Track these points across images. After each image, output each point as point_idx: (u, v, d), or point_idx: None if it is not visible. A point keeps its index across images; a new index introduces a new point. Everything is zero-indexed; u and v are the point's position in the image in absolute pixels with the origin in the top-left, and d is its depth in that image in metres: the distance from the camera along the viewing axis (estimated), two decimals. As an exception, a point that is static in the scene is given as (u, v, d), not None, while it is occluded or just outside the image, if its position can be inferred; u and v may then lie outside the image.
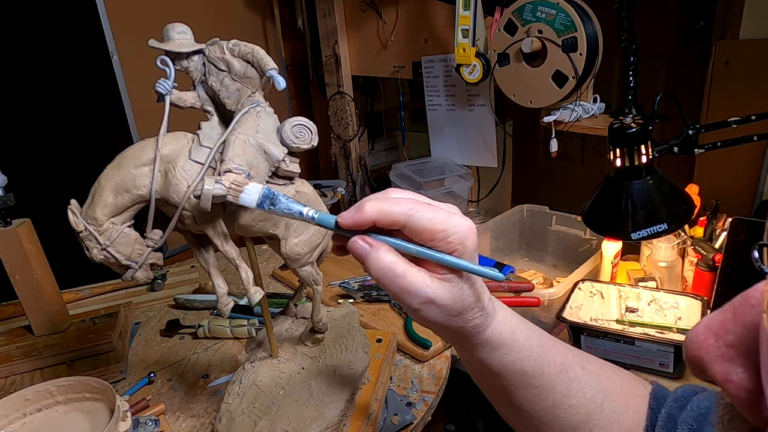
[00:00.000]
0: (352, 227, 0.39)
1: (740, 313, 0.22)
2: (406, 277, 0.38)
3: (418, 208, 0.38)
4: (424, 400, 0.81)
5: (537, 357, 0.44)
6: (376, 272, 0.39)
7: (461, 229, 0.39)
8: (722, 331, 0.22)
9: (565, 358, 0.46)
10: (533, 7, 1.06)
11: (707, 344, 0.23)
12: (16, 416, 0.67)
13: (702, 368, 0.23)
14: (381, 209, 0.38)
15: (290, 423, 0.67)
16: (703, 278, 1.01)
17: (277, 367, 0.76)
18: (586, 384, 0.46)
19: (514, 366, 0.44)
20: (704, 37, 1.66)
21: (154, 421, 0.73)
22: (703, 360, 0.23)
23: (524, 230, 1.42)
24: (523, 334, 0.45)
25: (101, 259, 0.60)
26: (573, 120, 1.12)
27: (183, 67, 0.63)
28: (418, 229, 0.38)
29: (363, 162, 1.72)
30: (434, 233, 0.38)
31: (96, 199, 0.59)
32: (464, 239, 0.39)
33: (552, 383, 0.45)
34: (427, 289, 0.39)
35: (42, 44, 1.27)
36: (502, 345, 0.43)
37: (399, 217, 0.38)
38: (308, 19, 1.73)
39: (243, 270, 0.66)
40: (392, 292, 0.39)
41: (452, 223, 0.38)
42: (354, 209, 0.39)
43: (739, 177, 1.32)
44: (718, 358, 0.22)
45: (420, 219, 0.38)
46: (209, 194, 0.56)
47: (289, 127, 0.63)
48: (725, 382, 0.22)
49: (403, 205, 0.38)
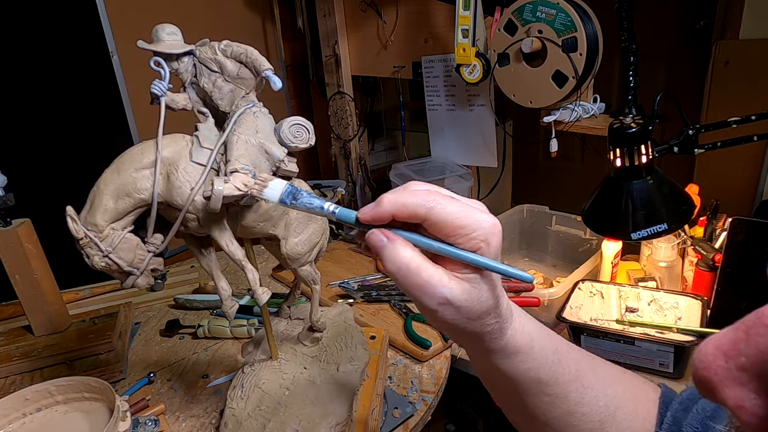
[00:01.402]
0: (371, 222, 0.37)
1: (754, 334, 0.21)
2: (423, 273, 0.36)
3: (439, 200, 0.36)
4: (424, 400, 0.81)
5: (552, 365, 0.43)
6: (392, 267, 0.37)
7: (484, 226, 0.36)
8: (733, 353, 0.21)
9: (579, 365, 0.45)
10: (533, 7, 1.06)
11: (716, 365, 0.21)
12: (16, 416, 0.67)
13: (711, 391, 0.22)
14: (399, 201, 0.36)
15: (300, 422, 0.67)
16: (703, 278, 1.01)
17: (279, 369, 0.76)
18: (599, 391, 0.45)
19: (529, 374, 0.42)
20: (704, 37, 1.66)
21: (153, 421, 0.73)
22: (712, 382, 0.22)
23: (524, 230, 1.42)
24: (541, 341, 0.43)
25: (103, 266, 0.59)
26: (573, 120, 1.12)
27: (173, 69, 0.62)
28: (440, 223, 0.36)
29: (363, 162, 1.72)
30: (456, 228, 0.36)
31: (95, 204, 0.58)
32: (488, 236, 0.36)
33: (566, 391, 0.43)
34: (444, 288, 0.36)
35: (42, 44, 1.27)
36: (518, 352, 0.42)
37: (418, 209, 0.36)
38: (308, 19, 1.73)
39: (249, 271, 0.65)
40: (407, 290, 0.37)
41: (475, 219, 0.36)
42: (374, 203, 0.37)
43: (739, 177, 1.32)
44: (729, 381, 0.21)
45: (440, 212, 0.36)
46: (220, 195, 0.55)
47: (287, 127, 0.63)
48: (737, 408, 0.21)
49: (422, 197, 0.36)
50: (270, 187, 0.42)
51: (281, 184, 0.42)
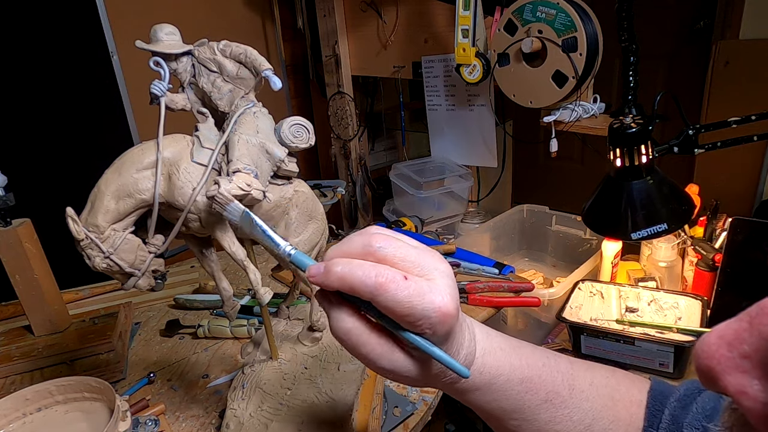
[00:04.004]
0: (318, 286, 0.37)
1: (757, 323, 0.21)
2: (363, 348, 0.37)
3: (387, 286, 0.34)
4: (424, 400, 0.81)
5: (517, 394, 0.43)
6: (335, 333, 0.38)
7: (432, 315, 0.35)
8: (737, 342, 0.22)
9: (553, 386, 0.44)
10: (533, 7, 1.06)
11: (720, 354, 0.22)
12: (16, 416, 0.67)
13: (713, 379, 0.22)
14: (346, 280, 0.35)
15: (302, 422, 0.67)
16: (703, 278, 1.01)
17: (279, 369, 0.76)
18: (573, 407, 0.45)
19: (489, 405, 0.43)
20: (704, 37, 1.66)
21: (153, 420, 0.73)
22: (714, 371, 0.22)
23: (524, 230, 1.42)
24: (504, 377, 0.42)
25: (104, 267, 0.59)
26: (573, 120, 1.12)
27: (171, 69, 0.62)
28: (386, 308, 0.35)
29: (363, 162, 1.72)
30: (401, 316, 0.35)
31: (96, 205, 0.58)
32: (434, 325, 0.35)
33: (534, 414, 0.44)
34: (383, 361, 0.37)
35: (42, 44, 1.27)
36: (476, 389, 0.42)
37: (364, 293, 0.35)
38: (308, 19, 1.73)
39: (252, 271, 0.65)
40: (351, 354, 0.38)
41: (422, 308, 0.34)
42: (323, 267, 0.36)
43: (739, 177, 1.32)
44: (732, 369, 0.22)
45: (386, 298, 0.34)
46: (227, 194, 0.55)
47: (287, 127, 0.63)
48: (739, 394, 0.21)
49: (370, 281, 0.34)
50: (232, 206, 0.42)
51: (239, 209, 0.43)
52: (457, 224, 1.55)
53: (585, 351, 0.93)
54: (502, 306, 1.01)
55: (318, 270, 0.36)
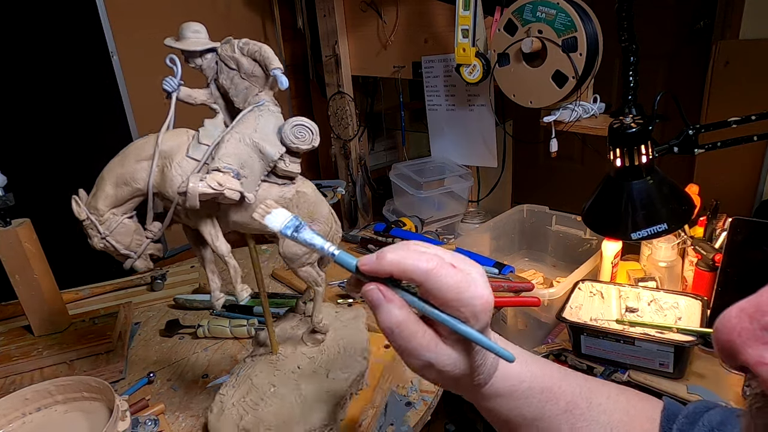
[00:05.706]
0: (370, 274, 0.39)
1: None
2: (411, 340, 0.39)
3: (438, 270, 0.37)
4: (424, 400, 0.81)
5: (538, 403, 0.44)
6: (384, 326, 0.39)
7: (476, 303, 0.38)
8: (758, 314, 0.22)
9: (572, 396, 0.46)
10: (533, 7, 1.06)
11: (741, 327, 0.22)
12: (16, 416, 0.67)
13: (734, 353, 0.22)
14: (400, 265, 0.37)
15: (274, 422, 0.67)
16: (703, 278, 1.01)
17: (275, 364, 0.76)
18: (591, 420, 0.46)
19: (511, 412, 0.44)
20: (704, 37, 1.66)
21: (153, 420, 0.73)
22: (735, 344, 0.22)
23: (524, 230, 1.42)
24: (526, 383, 0.44)
25: (101, 247, 0.63)
26: (573, 120, 1.12)
27: (197, 65, 0.64)
28: (434, 291, 0.37)
29: (363, 162, 1.72)
30: (448, 300, 0.37)
31: (98, 190, 0.62)
32: (478, 313, 0.38)
33: (555, 424, 0.45)
34: (429, 353, 0.39)
35: (42, 44, 1.27)
36: (499, 396, 0.43)
37: (417, 277, 0.37)
38: (308, 19, 1.73)
39: (231, 267, 0.67)
40: (396, 349, 0.40)
41: (469, 296, 0.37)
42: (375, 257, 0.38)
43: (739, 177, 1.32)
44: (752, 341, 0.21)
45: (436, 282, 0.37)
46: (195, 192, 0.57)
47: (289, 127, 0.63)
48: (759, 365, 0.21)
49: (423, 265, 0.37)
50: (273, 214, 0.42)
51: (284, 216, 0.42)
52: (457, 224, 1.55)
53: (585, 351, 0.93)
54: (502, 306, 1.01)
55: (370, 259, 0.38)
